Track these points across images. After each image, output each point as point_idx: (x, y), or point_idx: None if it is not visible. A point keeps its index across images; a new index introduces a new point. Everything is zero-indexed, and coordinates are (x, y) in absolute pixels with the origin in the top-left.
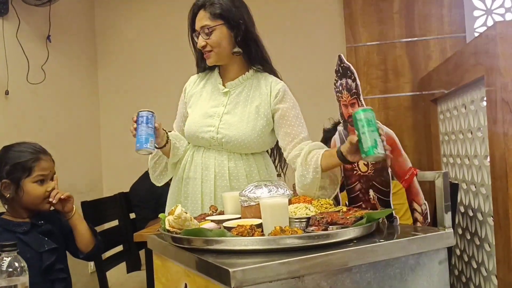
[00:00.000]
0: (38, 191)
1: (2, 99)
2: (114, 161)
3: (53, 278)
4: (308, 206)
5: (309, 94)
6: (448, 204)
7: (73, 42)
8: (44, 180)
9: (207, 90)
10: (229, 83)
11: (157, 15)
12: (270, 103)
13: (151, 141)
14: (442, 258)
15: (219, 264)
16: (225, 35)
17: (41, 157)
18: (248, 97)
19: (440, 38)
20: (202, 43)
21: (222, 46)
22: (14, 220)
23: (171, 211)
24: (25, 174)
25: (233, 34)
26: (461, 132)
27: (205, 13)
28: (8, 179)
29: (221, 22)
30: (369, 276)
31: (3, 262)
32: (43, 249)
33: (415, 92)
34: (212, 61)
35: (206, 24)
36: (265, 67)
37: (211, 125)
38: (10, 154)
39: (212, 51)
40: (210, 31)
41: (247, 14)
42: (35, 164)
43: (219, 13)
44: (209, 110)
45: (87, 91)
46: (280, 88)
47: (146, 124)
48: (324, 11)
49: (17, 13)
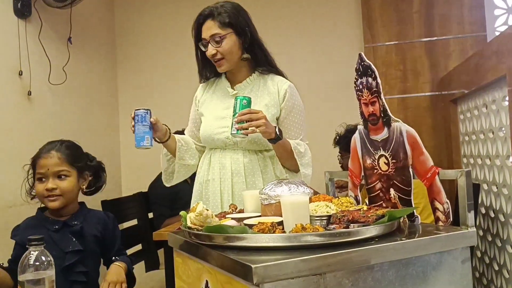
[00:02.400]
0: (38, 189)
1: (25, 100)
2: (133, 161)
3: (72, 279)
4: (328, 204)
5: (327, 93)
6: (471, 203)
7: (93, 44)
8: (43, 178)
9: (217, 95)
10: (237, 86)
11: (176, 18)
12: (279, 102)
13: (146, 138)
14: (465, 257)
15: (241, 261)
16: (234, 42)
17: (41, 155)
18: (257, 97)
19: (460, 37)
20: (213, 51)
21: (233, 53)
22: (50, 217)
23: (193, 208)
24: (32, 170)
25: (241, 41)
26: (482, 132)
27: (213, 23)
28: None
29: (230, 31)
30: (391, 274)
31: (30, 256)
32: (68, 249)
33: (435, 92)
34: (224, 68)
35: (216, 33)
36: (270, 69)
37: (224, 126)
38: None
39: (224, 58)
40: (222, 39)
41: (250, 21)
42: (36, 162)
43: (228, 22)
44: (221, 112)
45: (107, 92)
46: (286, 88)
47: (141, 123)
48: (342, 10)
49: (39, 15)
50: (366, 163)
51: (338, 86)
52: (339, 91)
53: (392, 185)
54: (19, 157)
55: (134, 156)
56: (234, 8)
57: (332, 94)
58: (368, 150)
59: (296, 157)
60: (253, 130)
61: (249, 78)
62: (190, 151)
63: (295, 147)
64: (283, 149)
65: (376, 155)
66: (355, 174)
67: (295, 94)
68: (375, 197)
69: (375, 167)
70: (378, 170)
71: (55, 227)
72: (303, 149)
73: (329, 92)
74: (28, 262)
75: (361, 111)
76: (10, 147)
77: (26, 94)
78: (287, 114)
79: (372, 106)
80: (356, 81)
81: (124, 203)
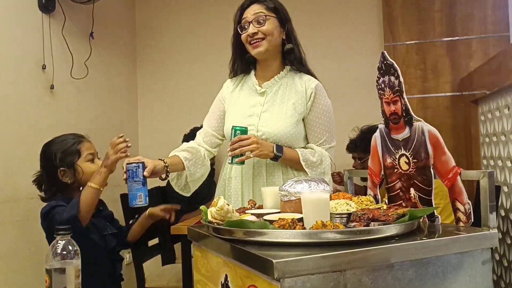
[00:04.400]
0: (93, 168)
1: (48, 93)
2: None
3: (115, 259)
4: (349, 202)
5: (347, 91)
6: (493, 204)
7: (114, 39)
8: (93, 158)
9: (244, 93)
10: (265, 84)
11: (196, 15)
12: (305, 101)
13: (139, 196)
14: (485, 259)
15: (262, 255)
16: (276, 26)
17: (82, 140)
18: (285, 95)
19: (483, 37)
20: (254, 30)
21: (274, 36)
22: None
23: (214, 203)
24: (76, 157)
25: (282, 29)
26: (503, 133)
27: (259, 6)
28: (63, 167)
29: (274, 15)
30: (411, 274)
31: (58, 245)
32: (106, 232)
33: (455, 93)
34: (262, 50)
35: (261, 13)
36: (300, 68)
37: (251, 124)
38: (55, 145)
39: (265, 39)
40: (265, 20)
41: (290, 18)
42: (80, 146)
43: (274, 7)
44: (248, 110)
45: (127, 88)
46: (313, 87)
47: (133, 179)
48: (363, 9)
49: (63, 11)
50: (386, 162)
51: (359, 84)
52: (359, 90)
53: (413, 184)
54: None
55: (152, 150)
56: (278, 1)
57: (352, 93)
58: (388, 149)
59: (306, 169)
60: (247, 156)
61: (277, 76)
62: (198, 161)
63: (305, 158)
64: (291, 162)
65: (396, 154)
66: (374, 173)
67: (323, 93)
68: (394, 196)
69: (395, 166)
70: (399, 169)
71: None
72: (316, 158)
73: (349, 90)
74: (55, 250)
75: (383, 110)
76: (32, 139)
77: (49, 87)
78: (312, 114)
79: (394, 105)
80: (378, 79)
81: None
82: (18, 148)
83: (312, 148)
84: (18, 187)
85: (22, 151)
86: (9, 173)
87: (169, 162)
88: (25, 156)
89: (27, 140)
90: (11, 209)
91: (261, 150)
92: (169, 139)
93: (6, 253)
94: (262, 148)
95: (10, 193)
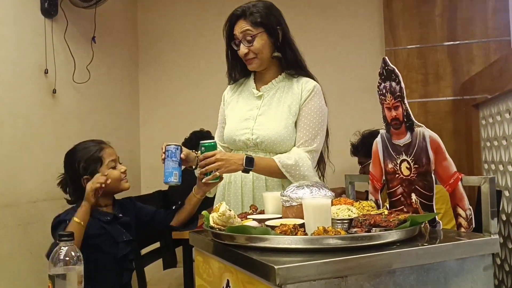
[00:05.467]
0: (115, 175)
1: (50, 97)
2: (152, 161)
3: (124, 267)
4: (350, 208)
5: (348, 96)
6: (495, 210)
7: (116, 44)
8: (115, 165)
9: (243, 97)
10: (263, 87)
11: (198, 20)
12: (300, 102)
13: (175, 174)
14: (487, 265)
15: (264, 261)
16: (266, 41)
17: (104, 146)
18: (281, 98)
19: (484, 42)
20: (245, 50)
21: (264, 52)
22: (100, 209)
23: (215, 208)
24: (98, 164)
25: (273, 40)
26: (505, 138)
27: (245, 22)
28: (87, 175)
29: (262, 30)
30: (412, 279)
31: (61, 251)
32: (121, 239)
33: (456, 97)
34: (254, 67)
35: (248, 32)
36: (299, 71)
37: (246, 128)
38: (78, 153)
39: (256, 57)
40: (253, 38)
41: (282, 19)
42: (102, 153)
43: (260, 21)
44: (245, 114)
45: (128, 91)
46: (310, 88)
47: (171, 158)
48: (364, 13)
49: (65, 15)
50: (388, 167)
51: (360, 89)
52: (360, 94)
53: (414, 190)
54: (43, 152)
55: (154, 154)
56: (266, 7)
57: (353, 97)
58: (390, 154)
59: (286, 175)
60: (214, 175)
61: (275, 80)
62: None
63: (283, 164)
64: (269, 172)
65: (398, 160)
66: (376, 178)
67: (318, 95)
68: (396, 201)
69: (397, 172)
70: (400, 174)
71: (106, 219)
72: (292, 160)
73: (349, 95)
74: (58, 256)
75: (384, 115)
76: (35, 144)
77: (51, 92)
78: (301, 114)
79: (395, 110)
80: (380, 85)
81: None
82: (20, 152)
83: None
84: (19, 192)
85: (24, 155)
86: (11, 177)
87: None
88: (27, 160)
89: (29, 144)
90: (13, 213)
91: (227, 166)
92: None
93: (8, 257)
94: (228, 164)
95: (11, 197)
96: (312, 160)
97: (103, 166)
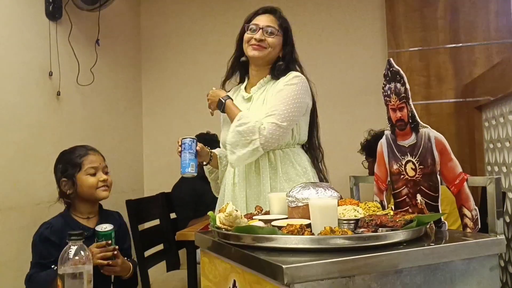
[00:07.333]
0: (90, 181)
1: (54, 100)
2: (155, 163)
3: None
4: (356, 208)
5: (350, 98)
6: (501, 210)
7: (120, 46)
8: (95, 173)
9: (237, 101)
10: (252, 89)
11: (201, 22)
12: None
13: (191, 165)
14: (493, 265)
15: (271, 261)
16: (279, 45)
17: (88, 153)
18: (267, 96)
19: (486, 44)
20: (262, 37)
21: (275, 50)
22: (80, 222)
23: (222, 209)
24: (76, 169)
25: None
26: (508, 139)
27: (274, 18)
28: (65, 177)
29: (281, 34)
30: (419, 279)
31: (70, 250)
32: None
33: (459, 99)
34: (260, 55)
35: (274, 26)
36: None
37: None
38: (64, 156)
39: (266, 48)
40: (275, 34)
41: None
42: (83, 159)
43: (285, 27)
44: None
45: (132, 94)
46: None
47: (187, 150)
48: (366, 16)
49: (69, 18)
50: (393, 168)
51: (362, 91)
52: (363, 96)
53: (419, 190)
54: (47, 155)
55: (157, 157)
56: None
57: (356, 99)
58: (395, 155)
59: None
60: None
61: (263, 80)
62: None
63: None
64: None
65: (403, 161)
66: (381, 179)
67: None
68: (401, 202)
69: (402, 173)
70: (405, 175)
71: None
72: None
73: (353, 97)
74: (67, 256)
75: (389, 116)
76: (39, 146)
77: (55, 94)
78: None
79: (400, 111)
80: (384, 86)
81: (147, 203)
82: (24, 154)
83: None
84: (24, 194)
85: (29, 157)
86: (15, 180)
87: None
88: (31, 162)
89: (33, 146)
90: (17, 215)
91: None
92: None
93: (13, 259)
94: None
95: (16, 199)
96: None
97: (81, 172)
